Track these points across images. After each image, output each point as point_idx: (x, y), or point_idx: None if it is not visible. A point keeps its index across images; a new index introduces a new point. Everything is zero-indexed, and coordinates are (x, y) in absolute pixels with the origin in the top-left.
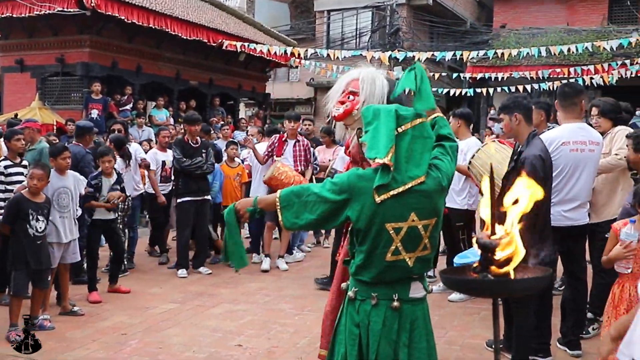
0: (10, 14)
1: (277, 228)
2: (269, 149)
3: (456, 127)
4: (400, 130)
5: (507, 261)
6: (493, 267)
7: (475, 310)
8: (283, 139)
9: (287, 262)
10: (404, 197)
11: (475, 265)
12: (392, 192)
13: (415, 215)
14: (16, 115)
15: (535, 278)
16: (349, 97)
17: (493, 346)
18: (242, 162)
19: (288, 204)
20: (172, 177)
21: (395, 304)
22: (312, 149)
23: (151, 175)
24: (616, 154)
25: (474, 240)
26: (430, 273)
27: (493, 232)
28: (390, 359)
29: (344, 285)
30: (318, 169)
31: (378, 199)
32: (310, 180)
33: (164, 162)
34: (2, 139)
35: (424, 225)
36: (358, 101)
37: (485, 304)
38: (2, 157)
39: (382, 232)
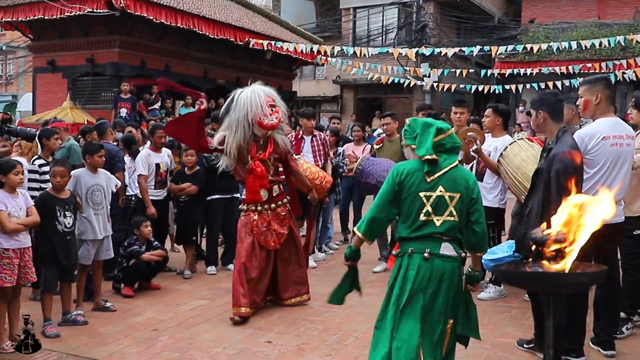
0: (42, 16)
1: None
2: None
3: (495, 123)
4: (441, 137)
5: (560, 257)
6: (544, 262)
7: (506, 309)
8: (299, 137)
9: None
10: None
11: (529, 260)
12: (437, 175)
13: (442, 187)
14: (55, 118)
15: (590, 273)
16: (272, 110)
17: (545, 343)
18: None
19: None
20: (168, 182)
21: (426, 255)
22: (339, 147)
23: (141, 181)
24: None
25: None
26: None
27: (548, 227)
28: (420, 300)
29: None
30: (345, 167)
31: (429, 179)
32: (332, 174)
33: (157, 165)
34: (36, 139)
35: (449, 196)
36: (278, 111)
37: (516, 302)
38: (37, 156)
39: (416, 198)
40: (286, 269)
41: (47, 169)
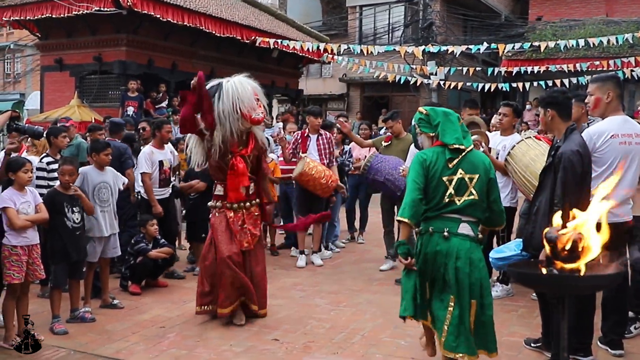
0: (50, 15)
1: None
2: (293, 146)
3: (512, 123)
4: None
5: (575, 257)
6: (558, 262)
7: (513, 308)
8: (305, 135)
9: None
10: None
11: (538, 259)
12: (456, 160)
13: (462, 170)
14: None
15: (608, 275)
16: (257, 103)
17: (560, 345)
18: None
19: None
20: (172, 179)
21: (445, 234)
22: (345, 145)
23: (146, 179)
24: None
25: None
26: None
27: (564, 226)
28: (440, 275)
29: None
30: (352, 166)
31: (451, 165)
32: (338, 173)
33: (161, 163)
34: (43, 137)
35: (469, 177)
36: (261, 106)
37: (523, 301)
38: (45, 154)
39: (440, 182)
40: (256, 276)
41: (55, 166)
